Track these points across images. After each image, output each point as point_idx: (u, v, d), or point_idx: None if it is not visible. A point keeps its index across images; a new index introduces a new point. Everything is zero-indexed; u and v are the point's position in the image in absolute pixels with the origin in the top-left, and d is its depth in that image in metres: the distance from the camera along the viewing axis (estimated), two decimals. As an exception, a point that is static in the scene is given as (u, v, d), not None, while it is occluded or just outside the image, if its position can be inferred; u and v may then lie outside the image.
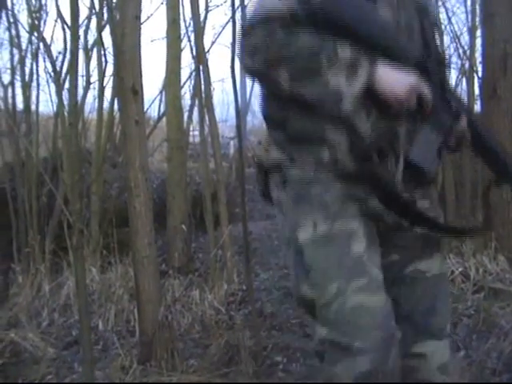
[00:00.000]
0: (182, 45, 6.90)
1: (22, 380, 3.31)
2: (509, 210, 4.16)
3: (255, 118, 22.99)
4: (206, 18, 8.17)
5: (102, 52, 6.26)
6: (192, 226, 6.82)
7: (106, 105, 6.96)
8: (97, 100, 6.71)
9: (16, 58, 6.65)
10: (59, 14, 6.50)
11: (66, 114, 5.24)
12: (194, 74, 7.73)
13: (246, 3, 5.14)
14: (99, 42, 6.29)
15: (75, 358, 3.66)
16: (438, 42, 1.68)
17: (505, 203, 4.16)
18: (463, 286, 3.50)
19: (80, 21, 6.39)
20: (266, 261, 6.45)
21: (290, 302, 4.22)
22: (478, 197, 5.22)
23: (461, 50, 6.74)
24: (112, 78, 7.02)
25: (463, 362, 2.65)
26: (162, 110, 9.25)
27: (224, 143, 11.49)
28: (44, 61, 7.57)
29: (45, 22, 7.19)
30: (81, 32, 6.40)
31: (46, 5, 6.98)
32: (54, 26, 7.23)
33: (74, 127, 3.36)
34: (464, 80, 6.96)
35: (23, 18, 11.85)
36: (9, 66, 6.80)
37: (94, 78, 6.93)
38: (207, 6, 8.42)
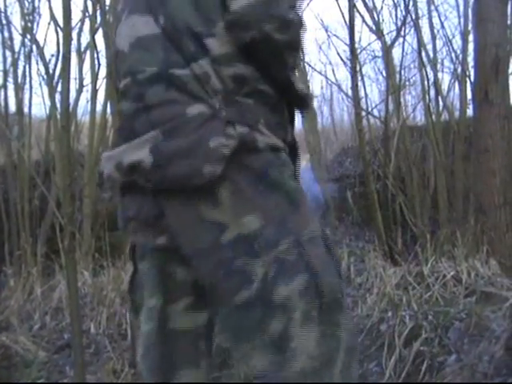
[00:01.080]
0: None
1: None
2: (500, 214, 4.17)
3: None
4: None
5: (95, 55, 6.25)
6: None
7: (98, 108, 6.94)
8: (90, 103, 6.70)
9: (9, 60, 6.65)
10: (52, 17, 6.50)
11: (58, 116, 5.22)
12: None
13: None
14: (92, 44, 6.28)
15: (67, 362, 3.65)
16: None
17: (496, 208, 4.17)
18: (455, 289, 3.50)
19: (73, 23, 6.39)
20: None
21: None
22: (469, 201, 5.24)
23: (453, 55, 6.80)
24: (105, 80, 7.02)
25: (455, 365, 2.66)
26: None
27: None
28: (37, 63, 7.58)
29: (38, 24, 7.22)
30: (74, 35, 6.40)
31: (39, 7, 6.98)
32: (47, 28, 7.25)
33: (66, 130, 3.34)
34: (456, 84, 7.01)
35: (16, 20, 11.81)
36: (1, 68, 6.78)
37: (87, 80, 6.92)
38: (200, 10, 8.43)
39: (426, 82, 6.35)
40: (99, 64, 5.27)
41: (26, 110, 6.70)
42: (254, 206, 1.33)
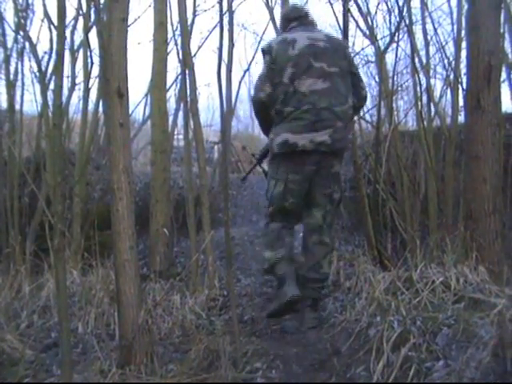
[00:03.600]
0: (169, 48, 6.90)
1: (-1, 382, 3.27)
2: (490, 221, 4.18)
3: (240, 123, 23.08)
4: (193, 22, 8.20)
5: (88, 53, 6.24)
6: (174, 230, 6.81)
7: (90, 106, 6.93)
8: (82, 101, 6.69)
9: (1, 56, 6.63)
10: (46, 14, 6.49)
11: (50, 114, 5.21)
12: (179, 77, 7.74)
13: (233, 9, 5.14)
14: (85, 43, 6.27)
15: (54, 361, 3.63)
16: None
17: (486, 215, 4.18)
18: (444, 295, 3.50)
19: (67, 21, 6.37)
20: (248, 266, 6.45)
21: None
22: (459, 207, 5.25)
23: (446, 61, 6.82)
24: (97, 79, 7.00)
25: (442, 371, 2.66)
26: (148, 113, 9.24)
27: (208, 148, 11.50)
28: (29, 60, 7.56)
29: (31, 21, 7.19)
30: (67, 32, 6.39)
31: (32, 4, 6.98)
32: (41, 25, 7.23)
33: (57, 128, 3.33)
34: (449, 91, 7.03)
35: (9, 16, 11.73)
36: (-7, 64, 6.75)
37: (80, 79, 6.91)
38: (195, 11, 8.46)
39: (418, 88, 6.36)
40: (92, 62, 5.27)
41: (17, 106, 6.69)
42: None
